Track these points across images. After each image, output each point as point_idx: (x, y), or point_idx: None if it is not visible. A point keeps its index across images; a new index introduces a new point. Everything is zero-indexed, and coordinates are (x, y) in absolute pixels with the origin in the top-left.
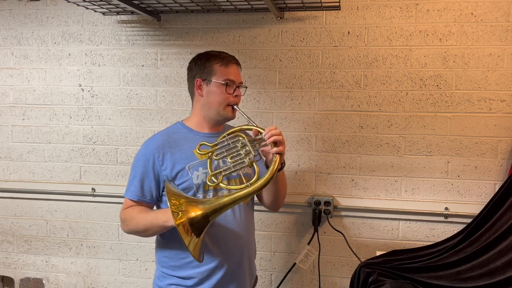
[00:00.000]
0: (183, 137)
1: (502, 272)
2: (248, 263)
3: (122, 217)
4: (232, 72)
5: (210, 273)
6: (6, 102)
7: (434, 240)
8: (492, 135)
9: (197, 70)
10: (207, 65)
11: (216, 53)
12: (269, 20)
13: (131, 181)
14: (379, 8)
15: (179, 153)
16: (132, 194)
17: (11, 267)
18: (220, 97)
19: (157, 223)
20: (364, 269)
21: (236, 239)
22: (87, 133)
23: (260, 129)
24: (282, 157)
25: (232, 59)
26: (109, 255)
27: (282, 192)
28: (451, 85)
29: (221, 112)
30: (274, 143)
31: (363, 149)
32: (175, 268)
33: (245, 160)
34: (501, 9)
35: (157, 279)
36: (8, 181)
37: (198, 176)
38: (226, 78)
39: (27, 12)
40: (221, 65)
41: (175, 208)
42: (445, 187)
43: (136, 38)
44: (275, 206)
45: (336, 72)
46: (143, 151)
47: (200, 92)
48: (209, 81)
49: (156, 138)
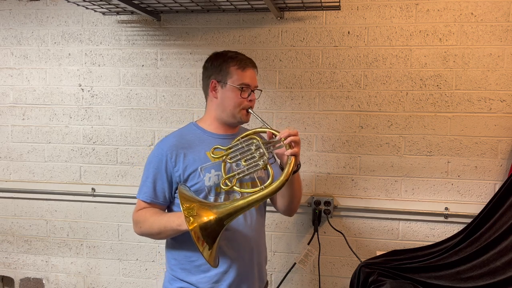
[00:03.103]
0: (196, 138)
1: (502, 272)
2: (258, 268)
3: (135, 219)
4: (248, 75)
5: (219, 278)
6: (6, 102)
7: (434, 240)
8: (492, 135)
9: (213, 70)
10: (223, 67)
11: (233, 55)
12: (269, 20)
13: (143, 182)
14: (379, 8)
15: (192, 155)
16: (144, 196)
17: (11, 267)
18: (234, 101)
19: (171, 226)
20: (364, 269)
21: (246, 243)
22: (87, 133)
23: (274, 132)
24: (298, 158)
25: (249, 63)
26: (109, 255)
27: (298, 195)
28: (451, 85)
29: (236, 116)
30: (289, 144)
31: (363, 149)
32: (184, 272)
33: (259, 162)
34: (501, 9)
35: (167, 282)
36: (8, 181)
37: (210, 178)
38: (242, 83)
39: (27, 12)
40: (238, 68)
41: (188, 213)
42: (445, 187)
43: (136, 38)
44: (290, 211)
45: (336, 72)
46: (156, 152)
47: (214, 94)
48: (224, 84)
49: (169, 139)
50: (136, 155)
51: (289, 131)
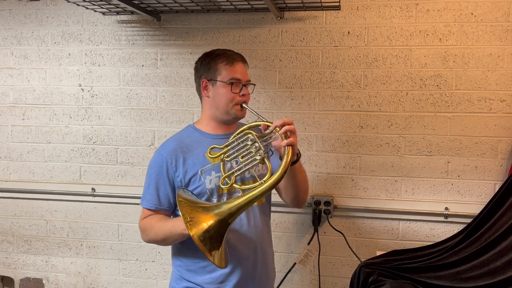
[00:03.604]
0: (195, 140)
1: (502, 272)
2: (263, 267)
3: (141, 227)
4: (238, 70)
5: (224, 278)
6: (6, 102)
7: (434, 240)
8: (492, 135)
9: (203, 70)
10: (212, 64)
11: (221, 52)
12: (269, 20)
13: (146, 190)
14: (379, 8)
15: (191, 158)
16: (148, 203)
17: (11, 267)
18: (226, 97)
19: (176, 231)
20: (364, 269)
21: (251, 243)
22: (87, 133)
23: (268, 123)
24: (295, 148)
25: (237, 57)
26: (109, 255)
27: (303, 186)
28: (451, 85)
29: (230, 112)
30: (285, 134)
31: (363, 149)
32: (189, 273)
33: (256, 157)
34: (501, 9)
35: (174, 282)
36: (8, 181)
37: (211, 181)
38: (231, 77)
39: (27, 12)
40: (226, 63)
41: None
42: (445, 187)
43: (136, 38)
44: (298, 202)
45: (336, 72)
46: (156, 158)
47: (206, 93)
48: (214, 81)
49: (168, 144)
50: (136, 155)
51: (283, 120)
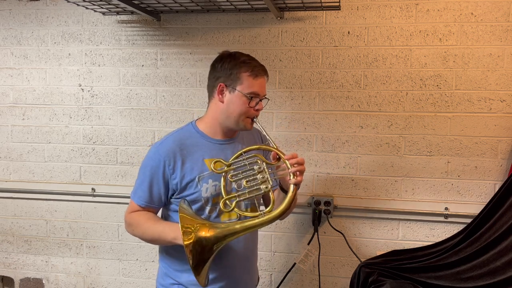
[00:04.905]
0: (195, 143)
1: (502, 272)
2: (249, 272)
3: (127, 220)
4: (259, 84)
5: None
6: (6, 102)
7: (434, 240)
8: (492, 135)
9: (223, 73)
10: (234, 71)
11: (246, 60)
12: (269, 20)
13: (139, 185)
14: (379, 8)
15: (190, 162)
16: (140, 200)
17: (11, 267)
18: (241, 109)
19: (165, 237)
20: (364, 269)
21: (239, 252)
22: (87, 133)
23: (280, 154)
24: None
25: (262, 70)
26: (109, 255)
27: (292, 209)
28: (451, 85)
29: (239, 123)
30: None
31: (363, 149)
32: (175, 272)
33: (261, 187)
34: (501, 9)
35: (160, 278)
36: (8, 181)
37: (207, 189)
38: (251, 91)
39: (27, 12)
40: (250, 75)
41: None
42: (445, 187)
43: (136, 38)
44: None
45: (336, 72)
46: (153, 155)
47: (220, 97)
48: (233, 89)
49: (167, 143)
50: (136, 155)
51: (296, 158)
